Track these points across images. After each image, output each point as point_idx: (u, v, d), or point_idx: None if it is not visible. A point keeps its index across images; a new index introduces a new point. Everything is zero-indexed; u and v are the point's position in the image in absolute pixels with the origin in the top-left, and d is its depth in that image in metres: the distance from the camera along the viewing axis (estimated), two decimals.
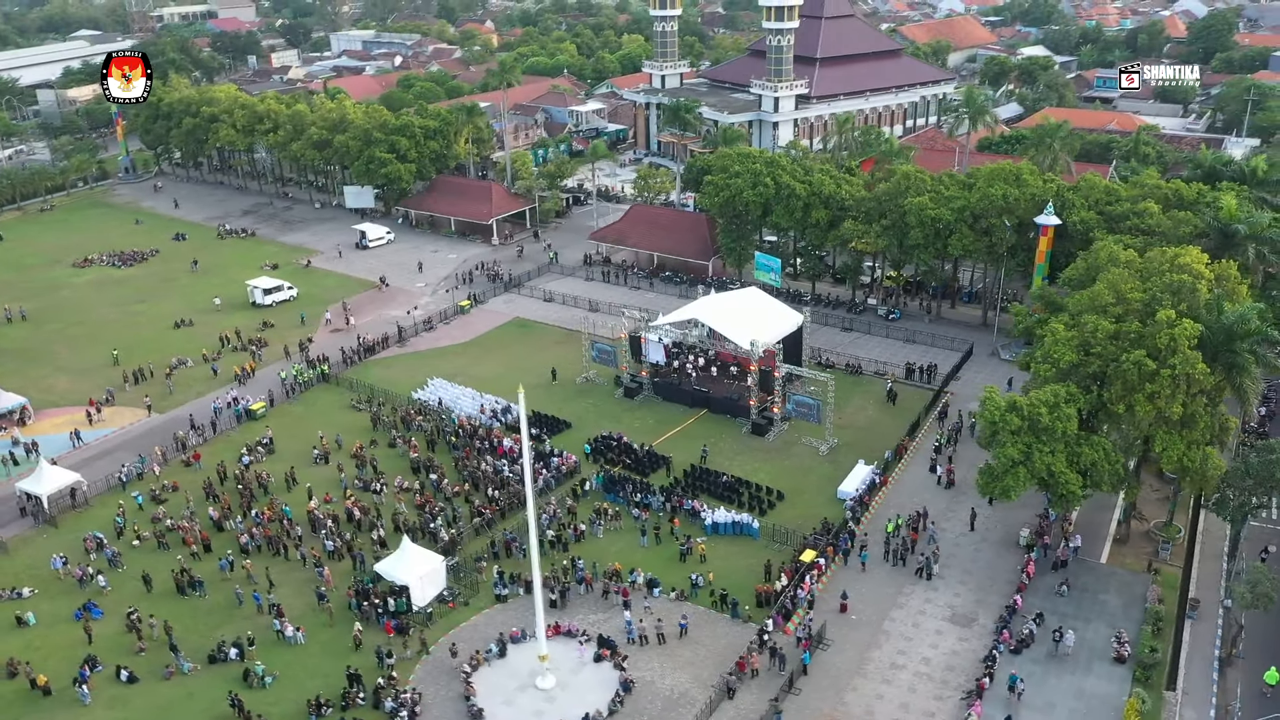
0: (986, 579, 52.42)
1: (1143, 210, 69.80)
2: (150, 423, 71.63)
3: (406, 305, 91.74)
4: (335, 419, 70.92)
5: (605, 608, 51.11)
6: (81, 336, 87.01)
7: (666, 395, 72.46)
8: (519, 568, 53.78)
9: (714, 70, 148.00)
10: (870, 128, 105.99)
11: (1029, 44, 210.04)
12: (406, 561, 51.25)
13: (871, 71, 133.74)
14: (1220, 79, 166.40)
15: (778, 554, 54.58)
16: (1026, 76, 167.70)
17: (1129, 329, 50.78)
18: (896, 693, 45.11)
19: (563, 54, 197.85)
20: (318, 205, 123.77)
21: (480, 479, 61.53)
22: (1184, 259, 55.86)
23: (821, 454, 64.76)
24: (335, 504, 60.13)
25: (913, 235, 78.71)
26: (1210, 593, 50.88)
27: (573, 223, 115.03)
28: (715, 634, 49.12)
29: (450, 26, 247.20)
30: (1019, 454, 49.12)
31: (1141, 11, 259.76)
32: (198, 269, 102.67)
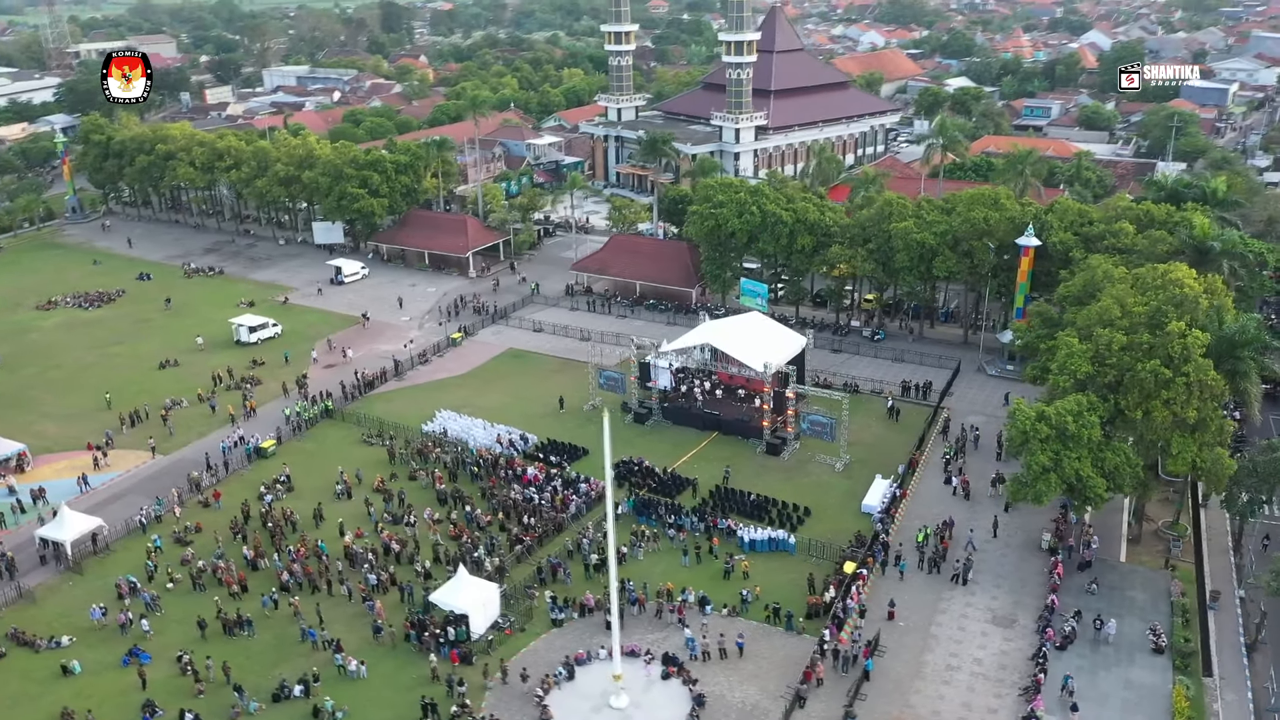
0: (1018, 582, 55.08)
1: (1118, 230, 74.26)
2: (156, 465, 70.35)
3: (393, 340, 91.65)
4: (348, 454, 70.65)
5: (661, 627, 52.21)
6: (61, 380, 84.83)
7: (676, 419, 74.05)
8: (568, 592, 54.58)
9: (668, 103, 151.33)
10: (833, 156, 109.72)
11: (952, 75, 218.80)
12: (463, 590, 51.64)
13: (822, 103, 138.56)
14: (1136, 107, 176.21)
15: (816, 567, 56.45)
16: (960, 106, 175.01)
17: (1140, 340, 54.28)
18: (957, 693, 47.20)
19: (505, 88, 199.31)
20: (282, 242, 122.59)
21: (511, 507, 62.10)
22: (1174, 274, 59.94)
23: (837, 470, 67.04)
24: (368, 538, 60.03)
25: (899, 258, 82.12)
26: (1224, 584, 54.37)
27: (545, 254, 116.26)
28: (773, 647, 50.62)
29: (385, 62, 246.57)
30: (1049, 460, 51.98)
31: (1051, 44, 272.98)
32: (171, 307, 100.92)
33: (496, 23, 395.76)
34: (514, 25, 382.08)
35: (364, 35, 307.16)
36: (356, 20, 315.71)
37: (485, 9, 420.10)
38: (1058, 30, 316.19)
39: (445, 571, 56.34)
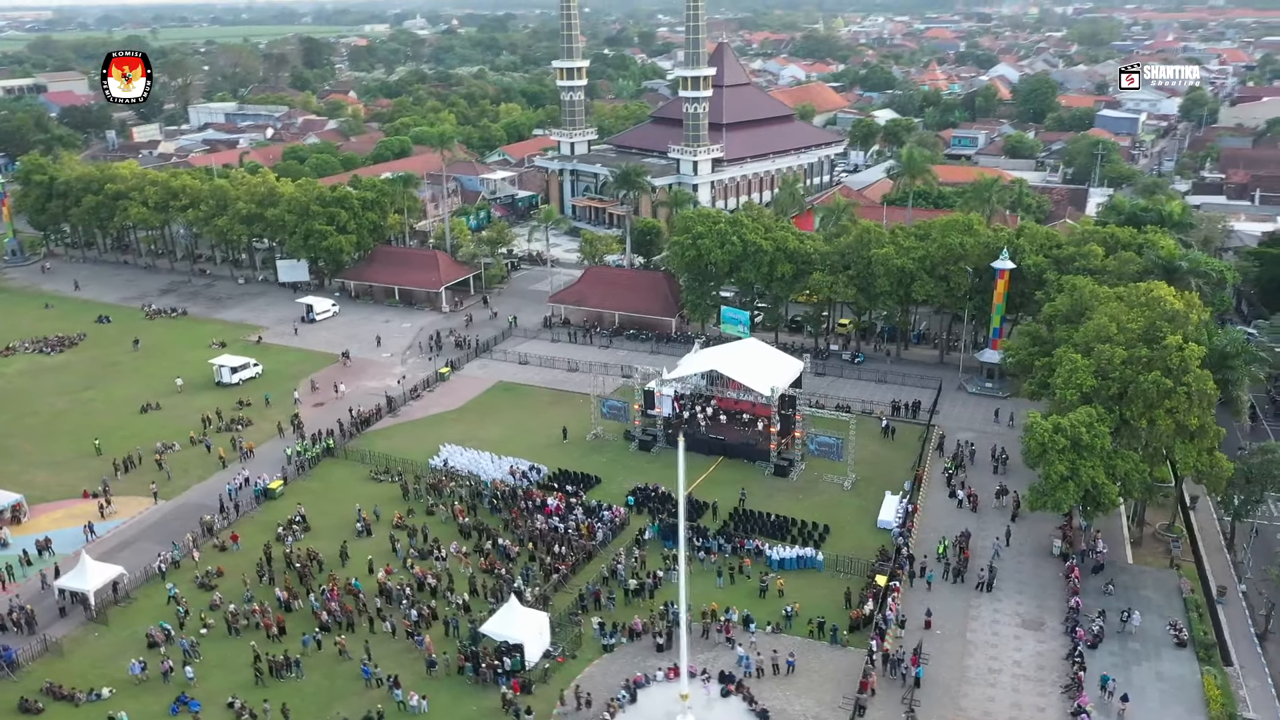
0: (1038, 587, 57.96)
1: (1088, 253, 78.86)
2: (160, 510, 68.87)
3: (378, 377, 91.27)
4: (358, 492, 70.27)
5: (710, 646, 53.46)
6: (39, 428, 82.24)
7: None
8: (612, 617, 55.42)
9: (619, 137, 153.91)
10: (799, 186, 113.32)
11: (877, 107, 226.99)
12: (515, 620, 52.12)
13: (772, 135, 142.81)
14: (1055, 136, 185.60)
15: (845, 583, 58.47)
16: (892, 137, 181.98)
17: (1140, 354, 58.03)
18: (1004, 694, 49.54)
19: (443, 123, 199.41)
20: (241, 281, 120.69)
21: (538, 537, 62.70)
22: (1155, 292, 64.24)
23: (846, 489, 69.42)
24: (398, 574, 59.92)
25: (879, 284, 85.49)
26: (1225, 580, 58.10)
27: (513, 287, 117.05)
28: (821, 660, 52.30)
29: (314, 98, 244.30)
30: (1066, 469, 55.09)
31: (963, 77, 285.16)
32: (139, 349, 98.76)
33: (416, 58, 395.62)
34: (433, 60, 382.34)
35: (285, 71, 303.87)
36: (277, 56, 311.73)
37: (403, 44, 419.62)
38: (965, 64, 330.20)
39: (484, 604, 56.76)
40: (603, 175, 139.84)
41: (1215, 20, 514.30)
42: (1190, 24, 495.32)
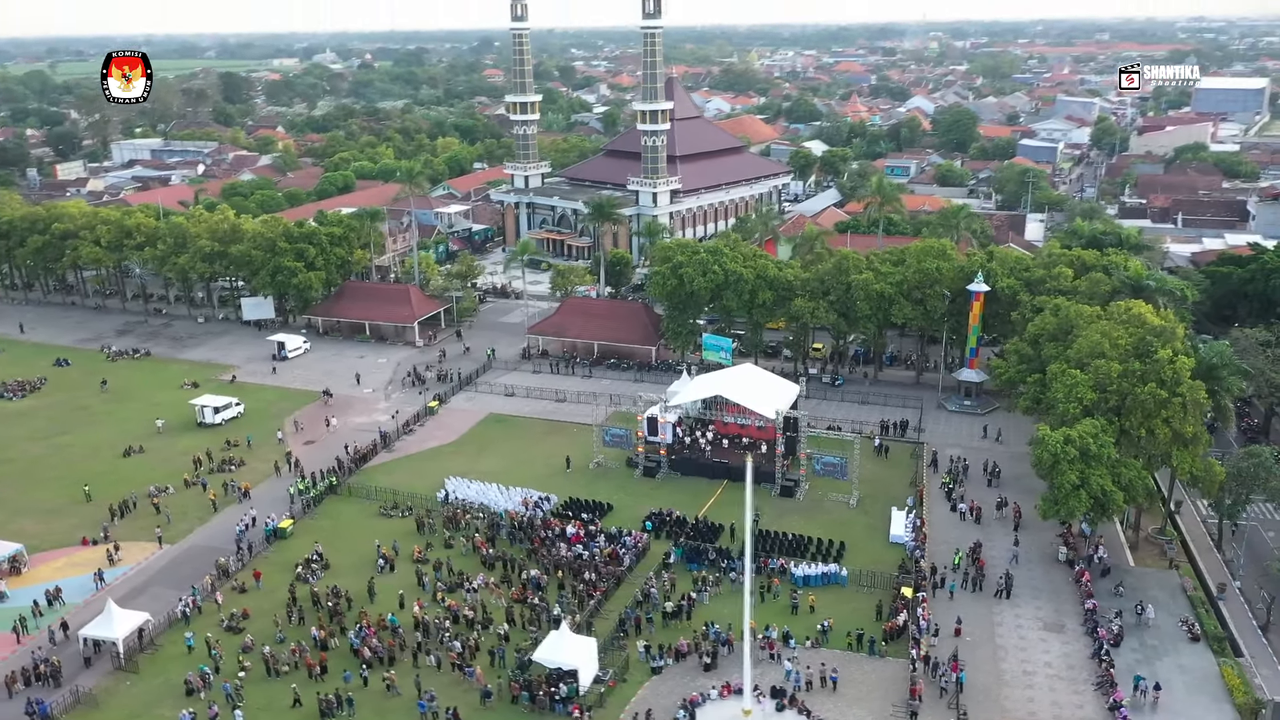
0: (1051, 592, 60.93)
1: (1058, 274, 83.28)
2: (167, 554, 67.36)
3: (363, 413, 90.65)
4: (370, 528, 69.88)
5: (754, 663, 54.55)
6: (18, 475, 79.46)
7: (685, 470, 77.04)
8: (654, 640, 56.36)
9: (571, 170, 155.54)
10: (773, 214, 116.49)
11: (806, 138, 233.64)
12: (565, 646, 52.70)
13: (723, 166, 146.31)
14: (981, 165, 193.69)
15: (868, 596, 60.59)
16: (828, 167, 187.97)
17: (1134, 368, 61.87)
18: (1042, 694, 52.04)
19: (381, 158, 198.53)
20: (201, 320, 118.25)
21: (566, 565, 63.33)
22: (1135, 310, 68.54)
23: (851, 506, 71.77)
24: (430, 608, 59.85)
25: (859, 308, 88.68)
26: (1220, 578, 61.96)
27: (482, 320, 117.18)
28: (863, 671, 54.12)
29: (243, 133, 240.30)
30: (1077, 479, 58.29)
31: (883, 109, 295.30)
32: (108, 390, 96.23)
33: (334, 92, 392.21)
34: (353, 95, 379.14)
35: (205, 106, 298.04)
36: (195, 91, 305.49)
37: (320, 79, 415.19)
38: (880, 96, 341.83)
39: (523, 634, 57.19)
40: (560, 208, 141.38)
41: (1104, 54, 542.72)
42: (1081, 58, 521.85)
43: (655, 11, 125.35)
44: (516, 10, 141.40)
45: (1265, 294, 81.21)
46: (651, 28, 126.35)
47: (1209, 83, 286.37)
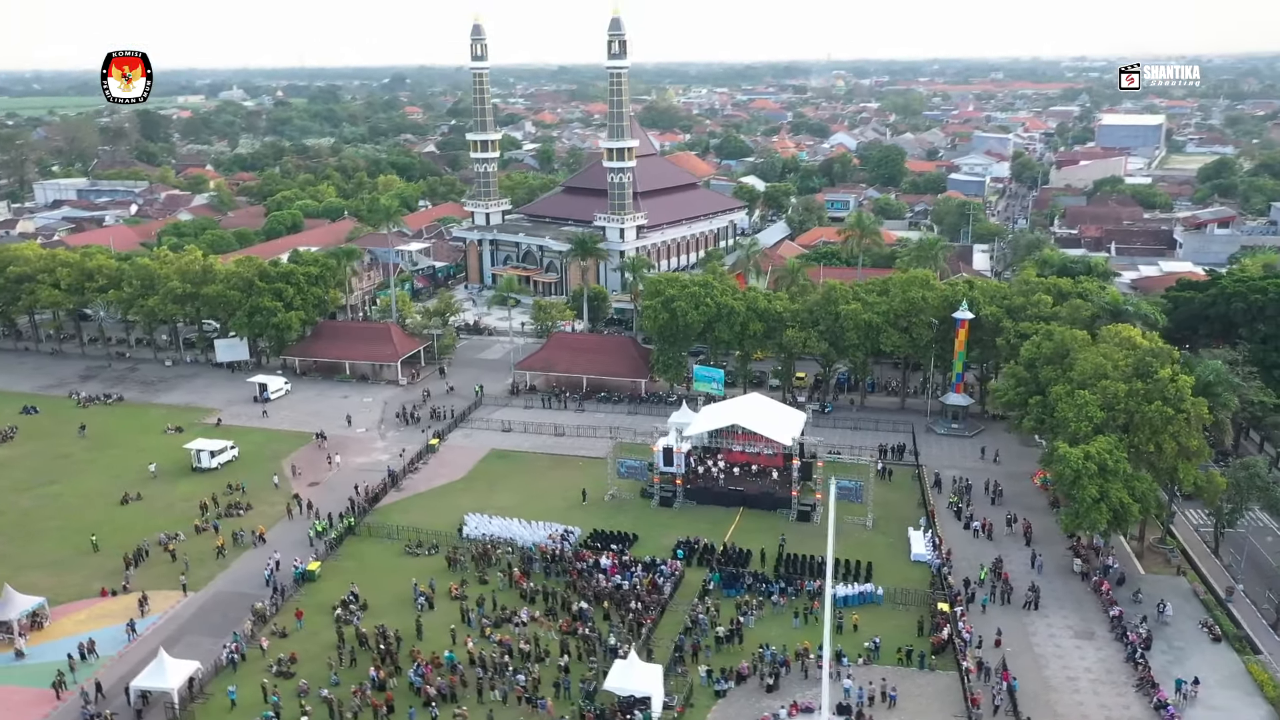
0: (1073, 602, 64.20)
1: (1038, 302, 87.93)
2: (194, 601, 65.93)
3: (359, 453, 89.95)
4: (398, 566, 69.63)
5: (814, 683, 56.43)
6: (11, 528, 76.65)
7: (701, 499, 78.62)
8: (714, 664, 57.60)
9: (530, 206, 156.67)
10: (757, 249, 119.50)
11: (741, 174, 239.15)
12: (635, 674, 53.58)
13: (682, 202, 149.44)
14: (915, 199, 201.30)
15: (904, 613, 62.97)
16: (772, 201, 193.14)
17: (1137, 387, 66.03)
18: (1089, 698, 54.93)
19: (325, 197, 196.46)
20: (169, 363, 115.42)
21: (608, 596, 64.16)
22: (1125, 334, 73.15)
23: (868, 528, 74.31)
24: (481, 643, 59.99)
25: (849, 337, 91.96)
26: (1223, 581, 66.14)
27: (459, 357, 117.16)
28: (917, 685, 56.26)
29: (172, 172, 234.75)
30: (1097, 493, 61.85)
31: (807, 145, 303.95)
32: (86, 436, 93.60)
33: (252, 130, 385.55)
34: (272, 132, 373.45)
35: (123, 145, 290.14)
36: (115, 129, 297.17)
37: (237, 116, 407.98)
38: (801, 133, 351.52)
39: (582, 665, 57.82)
40: (525, 244, 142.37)
41: (1001, 92, 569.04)
42: (982, 95, 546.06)
43: (621, 53, 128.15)
44: (476, 51, 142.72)
45: (1226, 316, 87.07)
46: (617, 68, 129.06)
47: (1110, 119, 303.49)
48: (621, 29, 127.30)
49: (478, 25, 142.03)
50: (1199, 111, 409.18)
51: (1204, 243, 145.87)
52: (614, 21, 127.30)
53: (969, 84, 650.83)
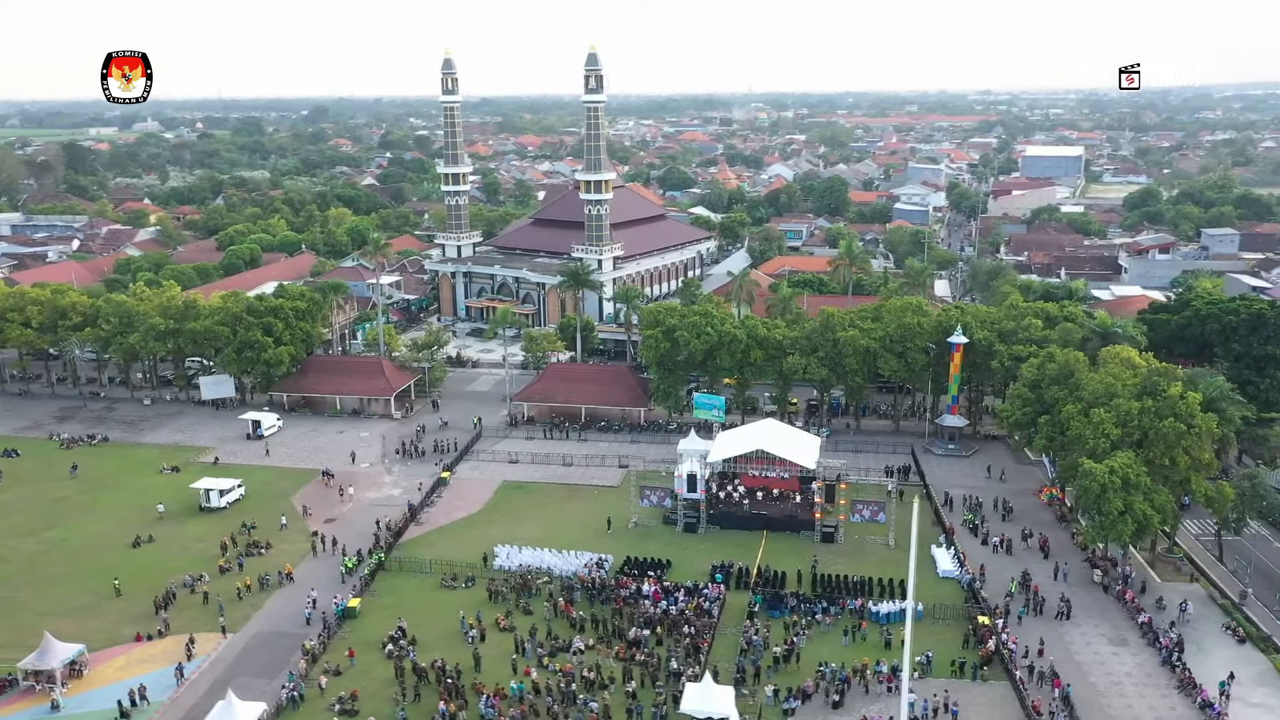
0: (1100, 611, 67.24)
1: (1028, 325, 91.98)
2: (236, 643, 64.69)
3: (369, 488, 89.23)
4: (437, 600, 69.48)
5: (874, 698, 58.17)
6: (20, 574, 74.15)
7: (724, 524, 80.00)
8: (778, 684, 58.87)
9: (500, 238, 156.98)
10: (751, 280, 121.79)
11: (688, 205, 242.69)
12: (711, 696, 54.52)
13: (651, 232, 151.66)
14: (864, 228, 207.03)
15: (946, 627, 65.20)
16: (728, 231, 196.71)
17: (1149, 405, 69.83)
18: (1137, 700, 57.69)
19: (277, 231, 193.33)
20: (147, 402, 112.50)
21: (658, 621, 64.99)
22: (1123, 355, 77.30)
23: (891, 548, 76.59)
24: (541, 673, 60.25)
25: (848, 362, 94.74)
26: (1231, 586, 70.01)
27: (447, 389, 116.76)
28: (972, 695, 58.33)
29: (110, 206, 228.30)
30: (1122, 505, 65.15)
31: (746, 177, 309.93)
32: (77, 475, 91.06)
33: (177, 162, 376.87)
34: (199, 164, 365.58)
35: (48, 177, 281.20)
36: (40, 162, 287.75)
37: (164, 149, 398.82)
38: (735, 164, 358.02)
39: (648, 690, 58.53)
40: (501, 276, 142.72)
41: (919, 124, 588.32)
42: (901, 127, 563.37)
43: (597, 88, 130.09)
44: (447, 85, 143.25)
45: (1201, 336, 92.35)
46: (594, 102, 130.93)
47: (1033, 151, 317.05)
48: (598, 64, 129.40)
49: (448, 59, 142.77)
50: (1108, 143, 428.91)
51: (1148, 267, 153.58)
52: (590, 57, 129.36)
53: (886, 116, 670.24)
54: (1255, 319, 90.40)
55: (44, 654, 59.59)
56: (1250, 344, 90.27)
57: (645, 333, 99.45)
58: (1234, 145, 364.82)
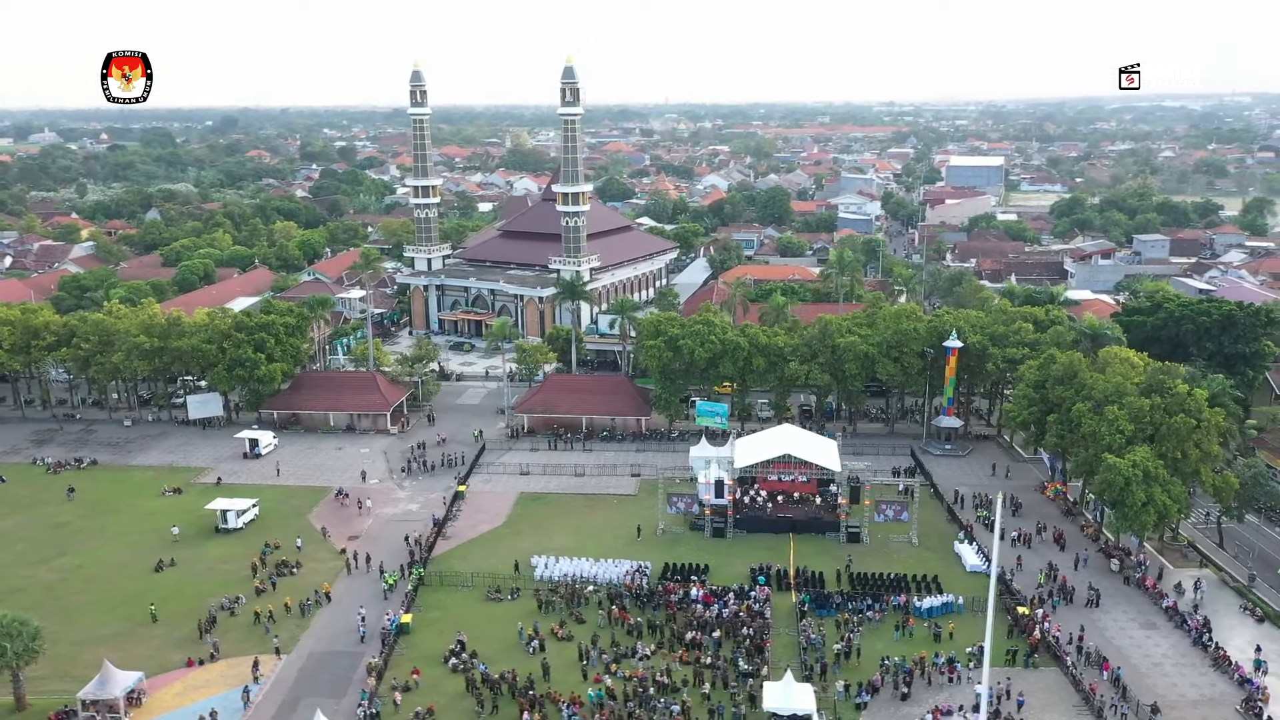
0: (1124, 598, 71.03)
1: (1019, 329, 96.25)
2: (292, 663, 63.81)
3: (389, 504, 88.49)
4: (486, 613, 69.64)
5: (937, 689, 60.56)
6: (41, 604, 70.66)
7: (751, 528, 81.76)
8: (847, 680, 60.82)
9: (468, 251, 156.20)
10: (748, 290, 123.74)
11: (633, 215, 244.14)
12: (793, 693, 56.24)
13: (620, 243, 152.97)
14: (814, 237, 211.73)
15: (981, 620, 67.93)
16: (681, 242, 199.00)
17: (1158, 402, 74.14)
18: (1179, 679, 61.23)
19: (223, 245, 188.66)
20: (128, 423, 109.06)
21: (715, 625, 66.35)
22: (1122, 355, 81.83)
23: (915, 545, 79.42)
24: (616, 680, 60.98)
25: (848, 368, 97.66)
26: (1236, 570, 74.69)
27: (437, 403, 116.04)
28: (1028, 682, 61.12)
29: (39, 221, 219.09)
30: (1145, 497, 69.07)
31: (683, 188, 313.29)
32: (74, 498, 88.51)
33: (91, 175, 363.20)
34: (115, 177, 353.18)
35: None
36: None
37: (74, 161, 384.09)
38: (669, 175, 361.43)
39: (722, 692, 59.87)
40: (475, 289, 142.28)
41: (834, 135, 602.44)
42: (818, 138, 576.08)
43: (574, 101, 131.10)
44: (416, 97, 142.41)
45: (1176, 337, 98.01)
46: (570, 115, 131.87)
47: (957, 161, 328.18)
48: (575, 77, 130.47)
49: (417, 71, 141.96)
50: (1018, 154, 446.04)
51: (1093, 272, 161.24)
52: (567, 70, 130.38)
53: (801, 127, 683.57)
54: (1226, 320, 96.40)
55: (104, 683, 57.93)
56: (1221, 343, 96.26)
57: (648, 343, 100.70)
58: (1138, 155, 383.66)
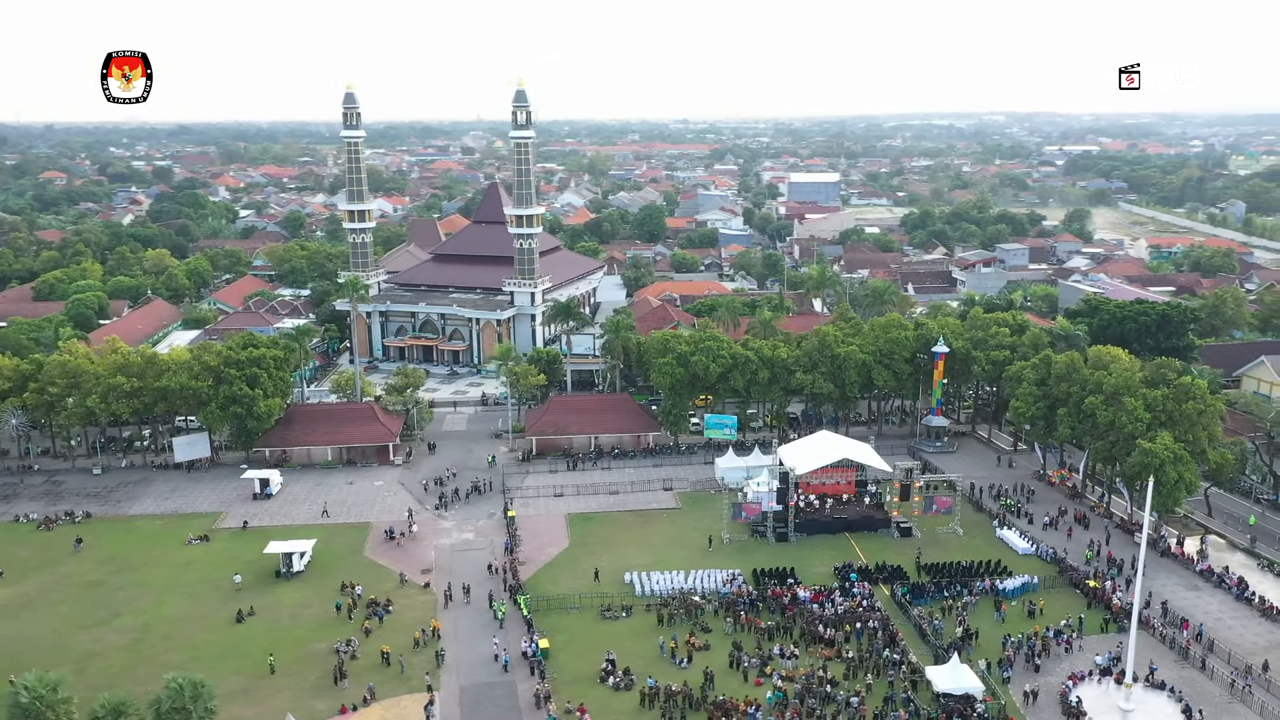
0: (1159, 565, 79.86)
1: (997, 334, 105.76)
2: (449, 700, 62.86)
3: (439, 536, 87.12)
4: (608, 631, 70.80)
5: (1057, 659, 67.03)
6: (129, 669, 66.29)
7: (809, 530, 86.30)
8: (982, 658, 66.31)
9: (402, 275, 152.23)
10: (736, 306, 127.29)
11: None
12: (960, 675, 61.22)
13: (555, 263, 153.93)
14: (703, 253, 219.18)
15: (1058, 594, 75.61)
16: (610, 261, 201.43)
17: (1164, 393, 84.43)
18: (1242, 630, 70.17)
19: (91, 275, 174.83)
20: (97, 471, 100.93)
21: (841, 621, 70.41)
22: (1111, 352, 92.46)
23: (961, 535, 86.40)
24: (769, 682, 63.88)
25: (848, 376, 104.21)
26: (1235, 535, 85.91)
27: (425, 431, 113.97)
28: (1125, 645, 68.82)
29: None
30: (1176, 476, 78.71)
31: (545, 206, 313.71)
32: (81, 548, 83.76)
33: None
34: None
35: None
36: None
37: None
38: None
39: (880, 681, 64.05)
40: (424, 314, 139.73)
41: (650, 152, 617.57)
42: (639, 155, 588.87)
43: (526, 123, 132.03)
44: (350, 119, 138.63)
45: (1120, 335, 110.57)
46: (522, 138, 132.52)
47: (797, 177, 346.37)
48: (526, 100, 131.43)
49: (350, 93, 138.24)
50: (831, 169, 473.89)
51: (980, 280, 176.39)
52: (519, 94, 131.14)
53: (614, 145, 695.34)
54: (1161, 318, 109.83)
55: None
56: (1159, 339, 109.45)
57: (658, 360, 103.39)
58: (946, 171, 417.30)
